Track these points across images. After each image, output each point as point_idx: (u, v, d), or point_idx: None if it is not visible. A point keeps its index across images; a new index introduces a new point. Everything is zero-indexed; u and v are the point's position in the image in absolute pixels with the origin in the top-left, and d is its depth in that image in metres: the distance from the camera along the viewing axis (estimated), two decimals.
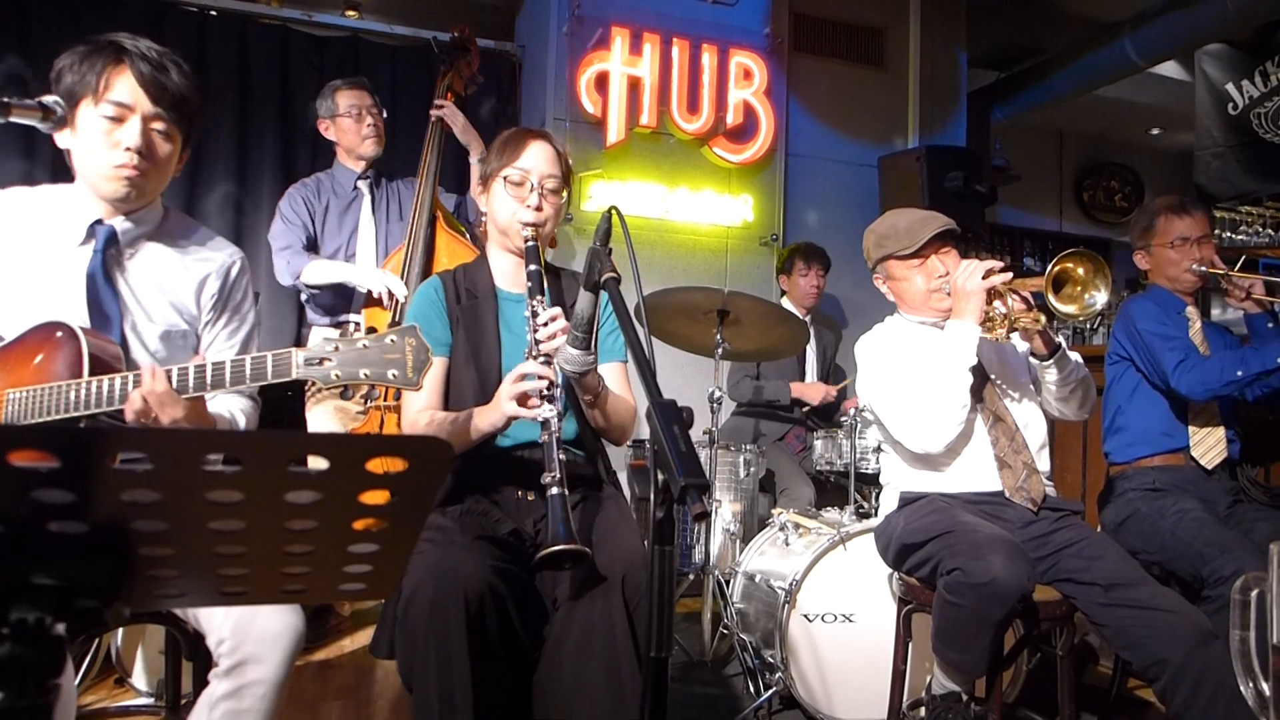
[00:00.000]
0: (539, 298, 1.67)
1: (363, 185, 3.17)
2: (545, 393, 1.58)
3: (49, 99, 1.43)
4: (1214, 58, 5.40)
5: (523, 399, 1.58)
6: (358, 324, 3.06)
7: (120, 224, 1.57)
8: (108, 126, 1.48)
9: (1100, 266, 1.91)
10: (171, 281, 1.62)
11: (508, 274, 1.89)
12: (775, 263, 4.41)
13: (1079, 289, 1.94)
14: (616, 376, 1.86)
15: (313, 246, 3.10)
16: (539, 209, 1.78)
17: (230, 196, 4.11)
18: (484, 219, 1.91)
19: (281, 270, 3.04)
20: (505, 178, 1.81)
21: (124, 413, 1.36)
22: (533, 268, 1.71)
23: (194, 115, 1.57)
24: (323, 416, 2.97)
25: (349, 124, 3.13)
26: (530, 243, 1.75)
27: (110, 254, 1.56)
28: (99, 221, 1.56)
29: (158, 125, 1.51)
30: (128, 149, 1.48)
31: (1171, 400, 2.41)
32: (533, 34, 4.59)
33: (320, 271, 2.99)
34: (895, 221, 2.19)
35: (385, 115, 3.21)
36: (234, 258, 1.70)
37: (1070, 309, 1.91)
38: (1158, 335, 2.37)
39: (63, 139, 1.52)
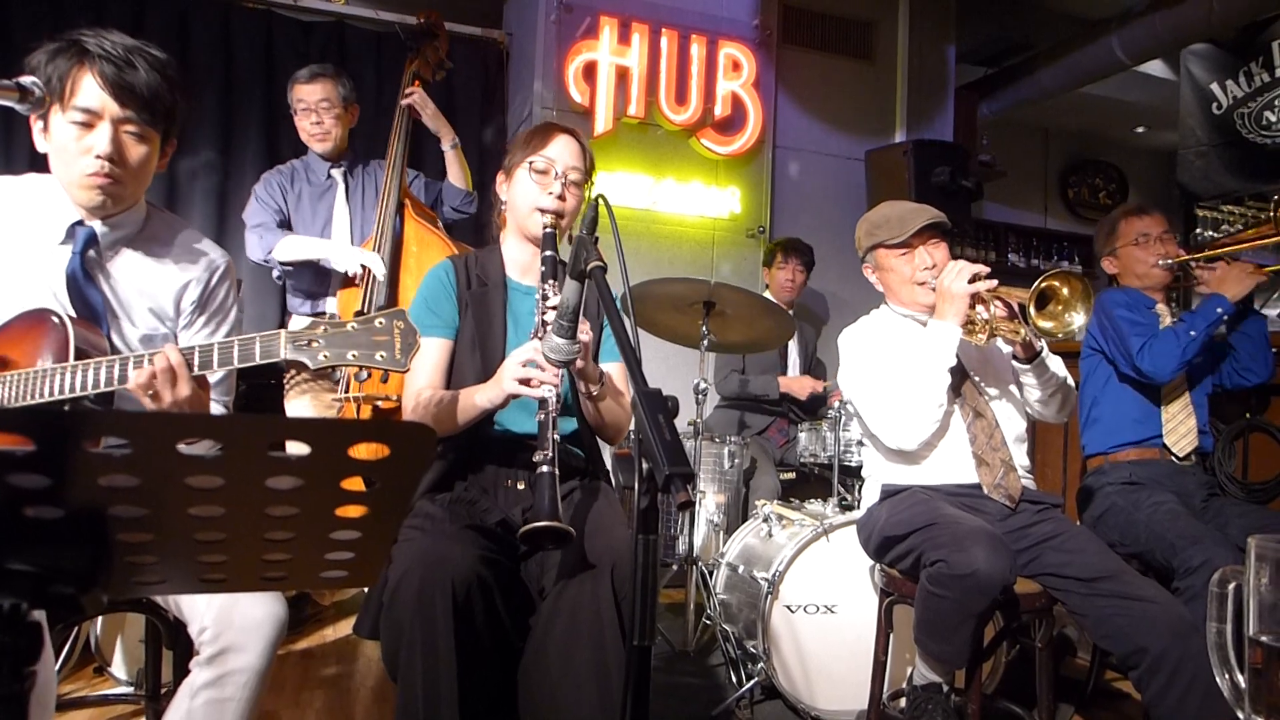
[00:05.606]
0: (551, 281, 1.68)
1: (336, 174, 3.08)
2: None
3: (27, 79, 1.37)
4: (1199, 57, 5.44)
5: (525, 379, 1.58)
6: (333, 314, 2.97)
7: (100, 228, 1.52)
8: (77, 133, 1.42)
9: (1086, 290, 1.92)
10: (152, 286, 1.58)
11: (520, 264, 1.90)
12: (762, 255, 4.42)
13: (1060, 308, 1.95)
14: (616, 377, 1.86)
15: (286, 228, 3.01)
16: (561, 198, 1.80)
17: (214, 184, 4.06)
18: (503, 208, 1.91)
19: (253, 246, 2.95)
20: (530, 164, 1.82)
21: (128, 387, 1.33)
22: (548, 253, 1.71)
23: (170, 110, 1.47)
24: (301, 405, 2.95)
25: (298, 120, 3.03)
26: (548, 229, 1.75)
27: (89, 256, 1.51)
28: (79, 223, 1.51)
29: (129, 128, 1.44)
30: (98, 156, 1.42)
31: (1142, 388, 2.46)
32: (521, 21, 4.56)
33: (293, 247, 2.89)
34: (888, 211, 2.21)
35: (341, 111, 3.03)
36: (218, 263, 1.65)
37: (1049, 325, 1.93)
38: (1126, 320, 2.43)
39: (40, 143, 1.47)
